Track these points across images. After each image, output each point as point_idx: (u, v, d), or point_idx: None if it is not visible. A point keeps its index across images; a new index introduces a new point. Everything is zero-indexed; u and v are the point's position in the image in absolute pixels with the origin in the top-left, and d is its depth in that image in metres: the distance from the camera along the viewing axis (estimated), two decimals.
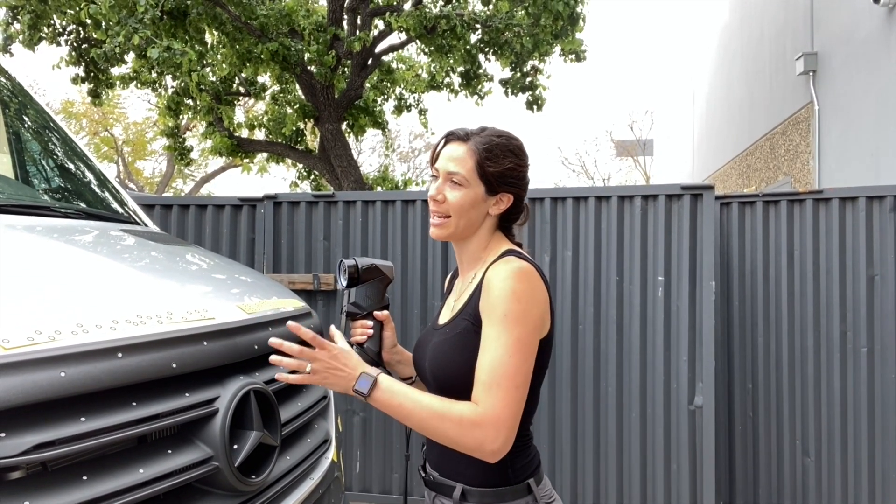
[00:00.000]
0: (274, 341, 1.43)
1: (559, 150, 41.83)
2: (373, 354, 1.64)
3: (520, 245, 1.58)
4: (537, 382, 1.47)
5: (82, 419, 1.18)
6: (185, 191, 24.40)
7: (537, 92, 9.01)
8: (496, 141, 1.49)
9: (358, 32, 7.48)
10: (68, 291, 1.44)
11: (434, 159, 1.55)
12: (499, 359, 1.33)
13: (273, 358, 1.42)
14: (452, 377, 1.46)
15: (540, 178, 34.58)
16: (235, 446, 1.48)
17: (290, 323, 1.42)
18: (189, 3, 6.95)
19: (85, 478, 1.18)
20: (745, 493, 3.97)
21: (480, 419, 1.32)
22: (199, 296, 1.71)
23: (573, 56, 8.51)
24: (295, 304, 2.12)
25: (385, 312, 1.67)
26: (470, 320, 1.44)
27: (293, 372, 1.44)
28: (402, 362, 1.72)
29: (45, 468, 1.15)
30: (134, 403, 1.30)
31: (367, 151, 23.78)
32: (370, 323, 1.64)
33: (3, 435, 1.05)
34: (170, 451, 1.36)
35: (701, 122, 14.72)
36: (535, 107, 9.05)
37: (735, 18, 11.92)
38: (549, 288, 1.46)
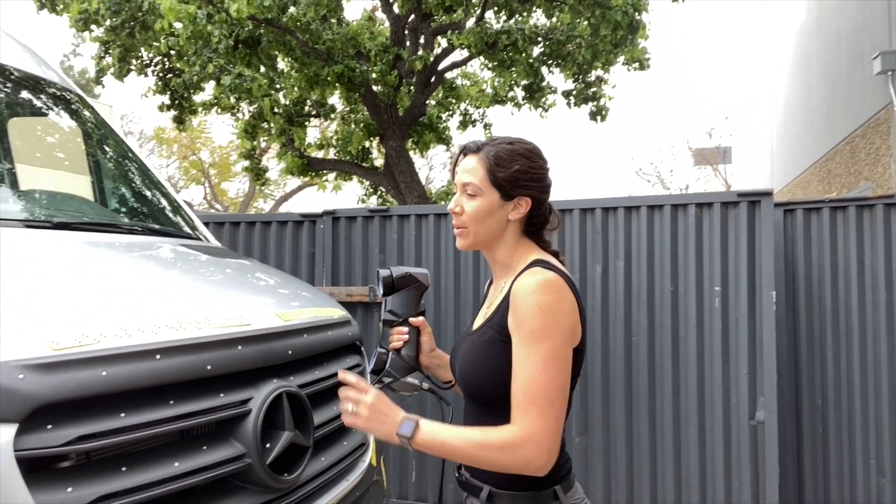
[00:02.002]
0: (341, 375, 1.50)
1: (633, 161, 40.75)
2: (409, 360, 1.68)
3: (556, 253, 1.58)
4: (573, 388, 1.48)
5: (122, 414, 1.31)
6: (265, 209, 25.48)
7: (601, 102, 8.92)
8: (505, 147, 1.51)
9: (420, 52, 7.67)
10: (118, 298, 1.59)
11: (454, 175, 1.59)
12: (531, 377, 1.36)
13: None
14: (478, 384, 1.49)
15: (613, 190, 33.93)
16: (268, 445, 1.58)
17: (340, 372, 1.51)
18: (261, 32, 7.35)
19: (124, 469, 1.30)
20: None
21: (520, 441, 1.34)
22: (239, 303, 1.83)
23: (636, 65, 8.39)
24: (335, 312, 2.22)
25: (420, 318, 1.71)
26: (496, 330, 1.47)
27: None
28: (441, 366, 1.76)
29: (88, 458, 1.28)
30: (171, 402, 1.42)
31: (438, 167, 24.09)
32: (406, 329, 1.69)
33: (49, 427, 1.19)
34: (205, 448, 1.47)
35: (780, 128, 14.11)
36: (598, 117, 8.96)
37: (812, 18, 11.40)
38: (580, 297, 1.47)
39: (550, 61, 8.61)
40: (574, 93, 8.96)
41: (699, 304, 3.71)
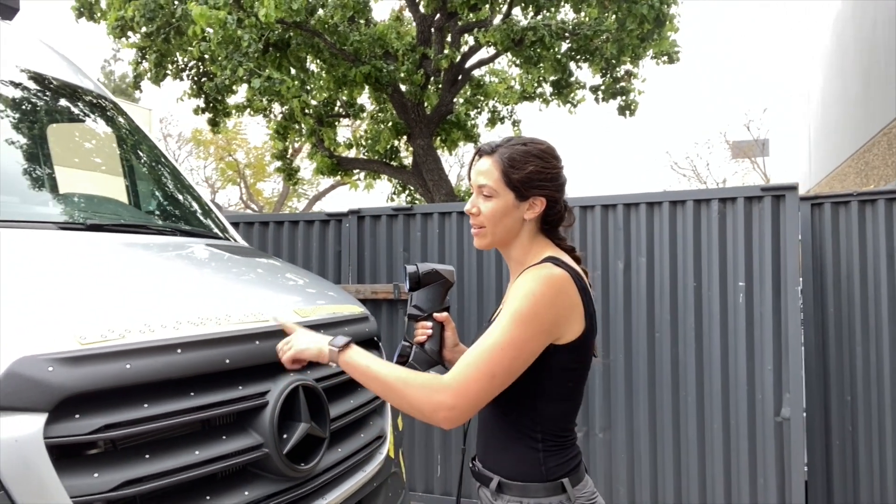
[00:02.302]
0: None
1: (668, 155, 40.06)
2: (433, 353, 1.72)
3: (572, 249, 1.61)
4: (578, 383, 1.52)
5: (146, 405, 1.39)
6: (299, 208, 25.85)
7: (630, 97, 8.84)
8: (519, 149, 1.54)
9: (446, 50, 7.71)
10: (144, 296, 1.68)
11: (470, 176, 1.63)
12: (490, 346, 1.40)
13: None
14: None
15: (647, 185, 33.46)
16: (285, 436, 1.65)
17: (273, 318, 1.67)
18: (290, 35, 7.48)
19: (147, 456, 1.38)
20: None
21: (445, 386, 1.38)
22: (258, 300, 1.91)
23: (665, 58, 8.29)
24: (353, 309, 2.29)
25: (445, 314, 1.75)
26: None
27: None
28: None
29: (114, 446, 1.37)
30: (192, 393, 1.50)
31: (468, 165, 24.07)
32: (429, 324, 1.73)
33: (77, 416, 1.27)
34: (224, 437, 1.55)
35: (816, 119, 13.76)
36: (627, 112, 8.88)
37: (847, 6, 11.10)
38: (588, 295, 1.49)
39: (578, 56, 8.56)
40: (602, 88, 8.89)
41: (723, 300, 3.69)
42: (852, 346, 3.74)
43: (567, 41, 8.21)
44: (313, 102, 9.04)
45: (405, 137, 9.03)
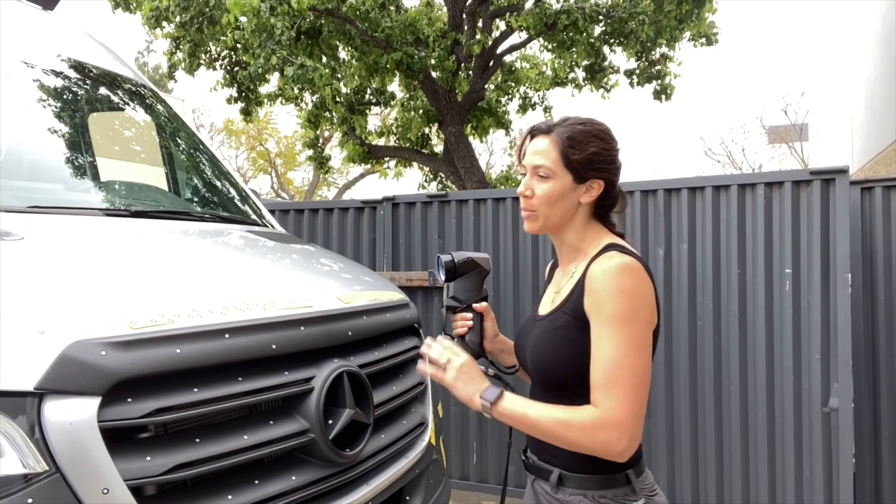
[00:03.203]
0: (423, 350, 1.57)
1: (702, 141, 39.23)
2: (474, 346, 1.68)
3: (622, 235, 1.55)
4: None
5: (195, 390, 1.39)
6: (329, 197, 26.05)
7: (666, 81, 8.65)
8: (579, 128, 1.47)
9: (478, 36, 7.63)
10: (190, 281, 1.68)
11: (521, 157, 1.55)
12: (612, 360, 1.34)
13: (420, 366, 1.56)
14: (552, 370, 1.47)
15: (680, 171, 32.88)
16: (330, 421, 1.64)
17: (420, 350, 1.56)
18: (322, 22, 7.47)
19: (198, 440, 1.38)
20: None
21: (602, 422, 1.32)
22: (302, 286, 1.90)
23: (703, 40, 8.09)
24: (394, 296, 2.27)
25: (484, 304, 1.70)
26: (571, 315, 1.44)
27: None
28: (504, 351, 1.75)
29: (165, 430, 1.37)
30: (240, 378, 1.49)
31: (499, 152, 23.95)
32: (469, 315, 1.68)
33: (129, 400, 1.28)
34: (271, 422, 1.55)
35: (862, 102, 13.33)
36: (663, 96, 8.71)
37: None
38: (654, 280, 1.45)
39: (612, 40, 8.40)
40: (637, 72, 8.72)
41: (768, 288, 3.58)
42: None
43: (601, 24, 8.06)
44: (344, 90, 9.05)
45: (436, 125, 8.99)
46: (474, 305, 1.69)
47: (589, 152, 1.45)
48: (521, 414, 1.40)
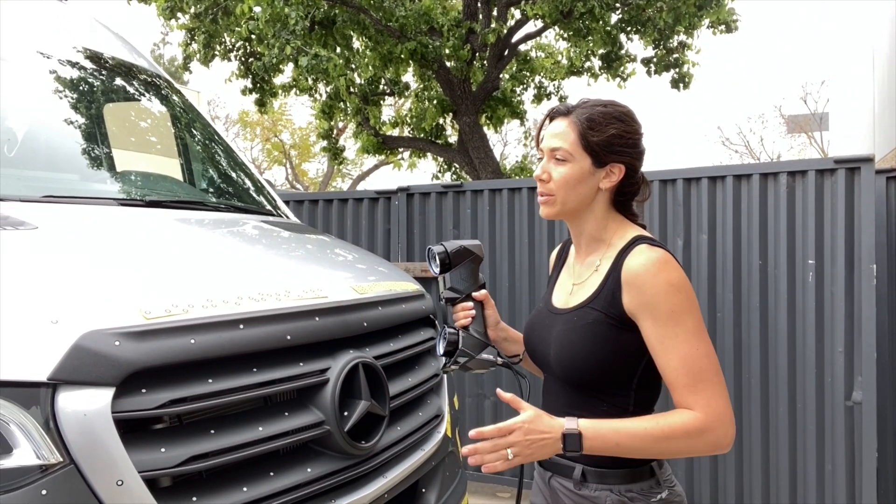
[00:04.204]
0: (467, 449, 1.35)
1: (719, 131, 38.76)
2: (480, 335, 1.63)
3: (644, 227, 1.50)
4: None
5: (210, 380, 1.37)
6: (343, 188, 26.08)
7: (684, 69, 8.53)
8: (599, 109, 1.41)
9: (493, 24, 7.55)
10: (204, 271, 1.66)
11: (539, 141, 1.50)
12: (689, 356, 1.30)
13: (472, 460, 1.33)
14: (586, 370, 1.41)
15: (697, 161, 32.53)
16: (345, 413, 1.62)
17: (471, 433, 1.34)
18: (336, 11, 7.44)
19: (212, 431, 1.37)
20: None
21: (705, 424, 1.29)
22: (317, 277, 1.88)
23: (723, 27, 7.96)
24: (409, 286, 2.25)
25: (483, 292, 1.65)
26: (604, 312, 1.38)
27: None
28: (508, 339, 1.70)
29: (180, 421, 1.36)
30: (254, 369, 1.48)
31: (513, 142, 23.86)
32: (470, 305, 1.63)
33: (143, 391, 1.26)
34: (286, 414, 1.53)
35: (882, 90, 13.06)
36: (681, 85, 8.59)
37: None
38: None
39: (629, 28, 8.30)
40: (654, 60, 8.62)
41: (790, 279, 3.52)
42: None
43: (618, 12, 7.96)
44: (358, 81, 9.02)
45: (451, 115, 8.94)
46: (474, 294, 1.64)
47: (608, 134, 1.39)
48: (613, 445, 1.31)
